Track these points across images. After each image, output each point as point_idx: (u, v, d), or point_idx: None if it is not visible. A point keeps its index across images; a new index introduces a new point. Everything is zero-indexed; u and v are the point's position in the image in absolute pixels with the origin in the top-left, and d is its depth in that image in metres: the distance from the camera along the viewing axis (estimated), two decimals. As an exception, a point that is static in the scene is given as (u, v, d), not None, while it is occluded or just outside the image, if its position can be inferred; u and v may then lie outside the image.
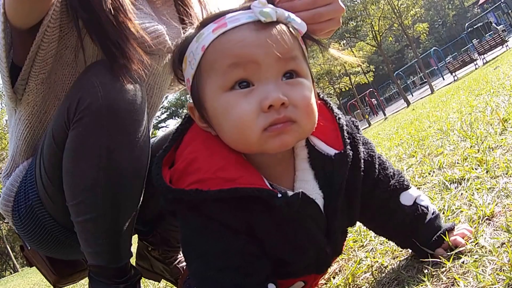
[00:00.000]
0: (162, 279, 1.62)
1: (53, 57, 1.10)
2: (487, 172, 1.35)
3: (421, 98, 21.08)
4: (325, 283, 1.07)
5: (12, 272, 29.66)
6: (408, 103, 21.31)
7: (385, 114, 25.12)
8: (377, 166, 0.91)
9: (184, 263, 1.61)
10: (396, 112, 15.13)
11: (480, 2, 40.88)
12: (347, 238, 1.04)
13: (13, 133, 1.26)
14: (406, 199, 0.93)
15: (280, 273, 0.84)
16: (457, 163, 1.69)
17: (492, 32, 21.95)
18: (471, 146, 1.82)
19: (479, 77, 6.16)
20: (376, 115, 31.41)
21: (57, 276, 1.39)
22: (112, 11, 1.02)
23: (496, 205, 1.04)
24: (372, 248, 1.17)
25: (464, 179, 1.42)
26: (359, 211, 0.91)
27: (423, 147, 2.54)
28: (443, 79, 25.51)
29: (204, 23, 0.78)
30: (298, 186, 0.80)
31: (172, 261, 1.58)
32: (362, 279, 1.00)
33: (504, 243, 0.83)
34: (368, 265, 1.06)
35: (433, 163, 1.94)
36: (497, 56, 15.13)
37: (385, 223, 0.96)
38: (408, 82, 35.73)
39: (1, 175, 1.31)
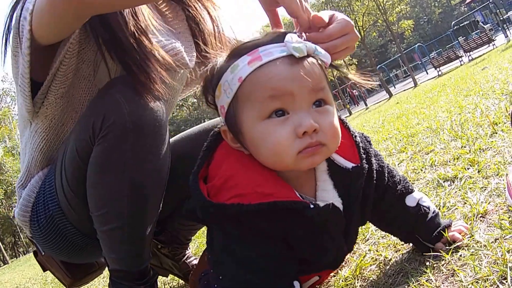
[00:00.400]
0: (170, 274, 1.70)
1: (73, 71, 1.15)
2: (479, 172, 1.46)
3: (404, 91, 21.33)
4: (334, 275, 1.17)
5: (2, 264, 29.45)
6: (390, 95, 21.64)
7: (366, 105, 25.37)
8: (386, 174, 1.02)
9: (192, 259, 1.71)
10: (377, 102, 15.28)
11: (467, 1, 41.29)
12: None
13: (28, 144, 1.30)
14: (410, 201, 1.04)
15: (301, 270, 0.94)
16: (449, 162, 1.80)
17: (479, 30, 22.23)
18: (462, 147, 1.92)
19: (466, 76, 6.27)
20: (357, 105, 31.78)
21: (72, 279, 1.46)
22: (136, 34, 1.08)
23: (488, 203, 1.15)
24: (375, 242, 1.27)
25: (457, 177, 1.53)
26: (370, 213, 1.02)
27: (413, 143, 2.64)
28: (427, 73, 25.80)
29: (236, 54, 0.86)
30: (319, 195, 0.90)
31: (181, 257, 1.67)
32: (368, 271, 1.10)
33: (498, 239, 0.93)
34: (373, 258, 1.16)
35: (425, 160, 2.04)
36: (484, 54, 15.33)
37: (392, 222, 1.07)
38: (391, 75, 36.10)
39: (16, 185, 1.35)
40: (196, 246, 2.62)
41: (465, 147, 1.91)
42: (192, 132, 1.48)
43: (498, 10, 22.63)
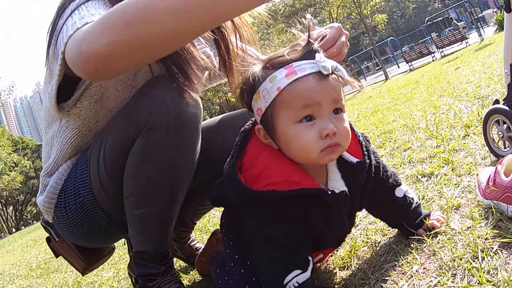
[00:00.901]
0: (174, 257, 1.86)
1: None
2: (452, 170, 1.68)
3: (374, 83, 21.78)
4: (331, 255, 1.37)
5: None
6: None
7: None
8: (381, 169, 1.22)
9: (195, 242, 1.88)
10: (350, 93, 15.61)
11: (442, -2, 42.11)
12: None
13: (56, 137, 1.38)
14: (399, 193, 1.25)
15: (313, 248, 1.14)
16: (426, 159, 2.02)
17: (452, 27, 22.83)
18: (437, 146, 2.15)
19: (439, 75, 6.57)
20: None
21: (86, 263, 1.59)
22: None
23: (461, 198, 1.37)
24: (364, 227, 1.48)
25: (433, 174, 1.75)
26: (367, 201, 1.23)
27: (390, 140, 2.86)
28: (398, 66, 26.41)
29: (273, 66, 1.04)
30: (330, 184, 1.10)
31: (186, 240, 1.83)
32: (361, 252, 1.31)
33: (470, 227, 1.14)
34: (363, 241, 1.37)
35: (403, 156, 2.26)
36: (457, 51, 15.78)
37: (383, 210, 1.30)
38: (362, 67, 36.70)
39: (41, 174, 1.45)
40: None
41: (439, 146, 2.13)
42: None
43: (473, 9, 23.25)
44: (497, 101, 1.63)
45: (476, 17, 22.01)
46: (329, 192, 1.07)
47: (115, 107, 1.33)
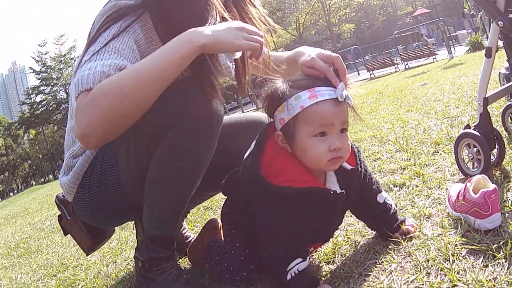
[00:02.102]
0: None
1: None
2: (423, 183, 1.88)
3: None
4: (316, 251, 1.53)
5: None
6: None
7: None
8: (368, 176, 1.43)
9: (185, 230, 2.03)
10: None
11: (415, 14, 43.49)
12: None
13: None
14: (380, 198, 1.46)
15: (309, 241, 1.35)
16: (397, 171, 2.22)
17: (421, 42, 23.65)
18: (407, 159, 2.36)
19: (405, 89, 6.87)
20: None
21: (92, 242, 1.73)
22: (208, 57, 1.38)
23: (432, 208, 1.56)
24: (343, 228, 1.64)
25: (405, 185, 1.94)
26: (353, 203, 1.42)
27: (360, 149, 3.06)
28: (358, 74, 27.04)
29: (299, 86, 1.26)
30: (328, 185, 1.31)
31: (179, 227, 1.96)
32: (343, 250, 1.48)
33: (440, 234, 1.33)
34: (345, 240, 1.54)
35: (374, 166, 2.45)
36: (422, 65, 16.34)
37: (365, 212, 1.50)
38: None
39: (67, 155, 1.55)
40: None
41: (410, 159, 2.34)
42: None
43: (446, 27, 24.13)
44: (468, 126, 1.85)
45: (449, 35, 22.86)
46: (331, 192, 1.27)
47: None
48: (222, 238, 1.63)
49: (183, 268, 1.78)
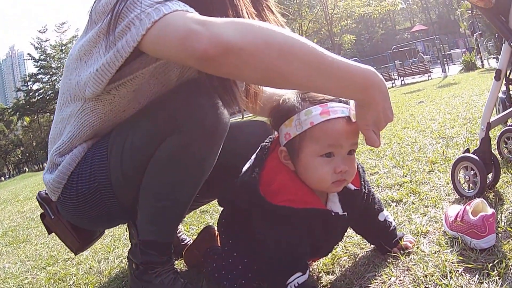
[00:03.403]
0: None
1: (150, 73, 1.33)
2: (420, 200, 1.94)
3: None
4: (315, 262, 1.56)
5: None
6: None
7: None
8: (371, 196, 1.45)
9: (181, 234, 2.02)
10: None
11: (412, 30, 43.77)
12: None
13: (75, 117, 1.39)
14: (381, 217, 1.48)
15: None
16: (393, 186, 2.27)
17: (417, 59, 23.84)
18: (404, 175, 2.42)
19: (402, 105, 6.98)
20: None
21: (80, 243, 1.62)
22: None
23: (429, 226, 1.61)
24: (342, 240, 1.68)
25: (402, 201, 2.00)
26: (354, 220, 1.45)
27: (364, 168, 3.11)
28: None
29: (310, 100, 1.21)
30: (329, 205, 1.30)
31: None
32: (342, 261, 1.52)
33: (437, 251, 1.38)
34: (343, 251, 1.59)
35: (371, 180, 2.51)
36: (418, 82, 16.47)
37: (366, 229, 1.53)
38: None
39: (52, 152, 1.44)
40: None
41: (406, 176, 2.40)
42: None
43: (442, 45, 24.33)
44: (467, 150, 1.91)
45: (443, 53, 23.06)
46: (333, 214, 1.28)
47: (144, 100, 1.40)
48: (219, 245, 1.62)
49: (179, 271, 1.78)
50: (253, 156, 1.31)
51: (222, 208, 1.52)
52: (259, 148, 1.31)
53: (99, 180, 1.38)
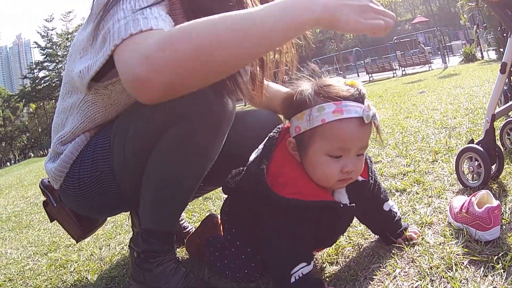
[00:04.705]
0: None
1: None
2: (424, 190, 1.90)
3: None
4: (318, 252, 1.52)
5: None
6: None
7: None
8: (377, 187, 1.41)
9: (184, 221, 1.99)
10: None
11: (413, 21, 43.47)
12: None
13: (77, 109, 1.37)
14: (386, 207, 1.45)
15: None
16: (397, 176, 2.24)
17: (418, 50, 23.68)
18: (407, 165, 2.38)
19: (404, 95, 6.91)
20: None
21: (82, 231, 1.61)
22: None
23: (434, 217, 1.58)
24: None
25: (406, 191, 1.96)
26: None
27: (372, 159, 3.07)
28: (358, 75, 27.05)
29: (324, 96, 1.15)
30: (336, 196, 1.26)
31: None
32: (346, 251, 1.49)
33: (442, 243, 1.35)
34: (347, 241, 1.56)
35: (375, 169, 2.47)
36: (419, 72, 16.37)
37: (371, 219, 1.49)
38: (323, 70, 37.52)
39: (55, 141, 1.42)
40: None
41: (409, 165, 2.36)
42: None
43: (442, 37, 24.17)
44: (472, 141, 1.86)
45: (444, 45, 22.89)
46: (341, 205, 1.24)
47: None
48: (222, 235, 1.59)
49: (181, 259, 1.75)
50: (261, 146, 1.27)
51: (225, 196, 1.49)
52: (267, 138, 1.27)
53: (101, 169, 1.35)
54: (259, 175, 1.19)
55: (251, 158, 1.27)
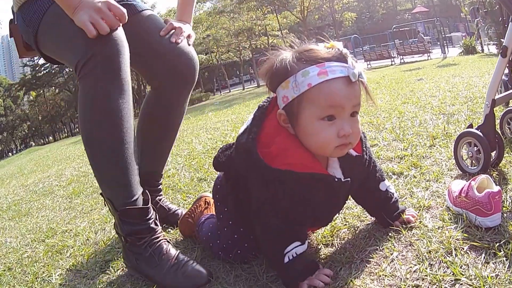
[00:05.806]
0: None
1: None
2: (421, 174, 1.83)
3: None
4: (313, 233, 1.47)
5: None
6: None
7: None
8: (372, 164, 1.33)
9: (167, 203, 1.93)
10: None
11: (414, 11, 43.07)
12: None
13: None
14: (382, 186, 1.38)
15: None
16: (394, 159, 2.17)
17: (417, 39, 23.49)
18: (404, 149, 2.31)
19: (401, 82, 6.83)
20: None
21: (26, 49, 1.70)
22: None
23: (431, 201, 1.51)
24: (341, 211, 1.59)
25: (403, 174, 1.89)
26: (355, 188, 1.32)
27: (366, 135, 3.00)
28: (356, 62, 27.01)
29: (306, 60, 1.07)
30: (329, 170, 1.18)
31: (157, 201, 1.86)
32: (342, 233, 1.43)
33: (441, 227, 1.29)
34: (342, 223, 1.49)
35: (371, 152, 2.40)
36: (417, 61, 16.26)
37: (367, 199, 1.41)
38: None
39: None
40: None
41: (406, 149, 2.29)
42: None
43: (442, 28, 23.97)
44: (471, 125, 1.79)
45: (443, 35, 22.69)
46: (336, 179, 1.15)
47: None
48: (214, 214, 1.52)
49: (174, 240, 1.71)
50: (251, 116, 1.18)
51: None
52: (257, 107, 1.19)
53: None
54: (248, 146, 1.11)
55: (241, 129, 1.18)
